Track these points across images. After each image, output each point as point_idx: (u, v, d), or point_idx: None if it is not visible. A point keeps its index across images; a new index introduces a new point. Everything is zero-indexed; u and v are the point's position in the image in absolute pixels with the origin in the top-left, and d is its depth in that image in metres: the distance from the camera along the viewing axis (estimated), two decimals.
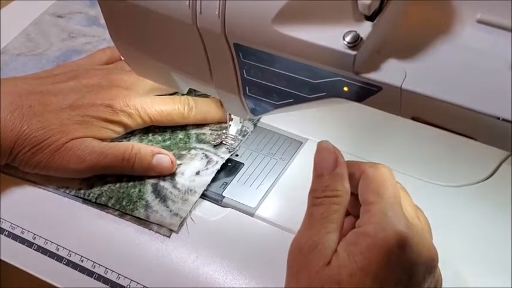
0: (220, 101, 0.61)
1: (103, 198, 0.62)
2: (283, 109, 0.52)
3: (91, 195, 0.63)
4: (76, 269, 0.59)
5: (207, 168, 0.63)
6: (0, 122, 0.61)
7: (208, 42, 0.50)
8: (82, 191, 0.63)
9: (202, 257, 0.58)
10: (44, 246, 0.61)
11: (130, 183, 0.63)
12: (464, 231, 0.61)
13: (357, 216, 0.49)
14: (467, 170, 0.63)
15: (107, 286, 0.58)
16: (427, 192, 0.63)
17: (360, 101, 0.46)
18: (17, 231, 0.62)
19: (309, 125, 0.67)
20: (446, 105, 0.43)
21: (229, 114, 0.64)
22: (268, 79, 0.50)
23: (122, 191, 0.62)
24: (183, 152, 0.65)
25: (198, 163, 0.64)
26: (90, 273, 0.59)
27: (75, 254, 0.60)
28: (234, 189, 0.62)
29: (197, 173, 0.63)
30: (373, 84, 0.44)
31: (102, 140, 0.64)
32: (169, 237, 0.60)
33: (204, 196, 0.62)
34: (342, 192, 0.48)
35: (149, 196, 0.62)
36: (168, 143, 0.67)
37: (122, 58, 0.59)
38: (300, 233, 0.48)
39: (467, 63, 0.44)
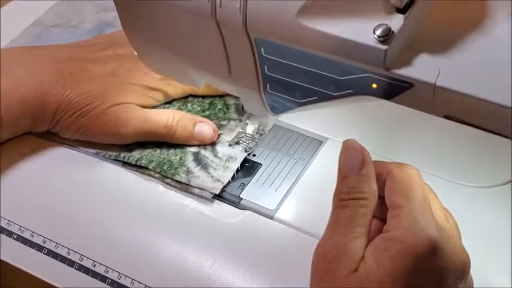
0: None
1: (143, 161, 0.62)
2: (305, 107, 0.50)
3: (131, 158, 0.62)
4: (88, 274, 0.57)
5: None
6: (43, 87, 0.61)
7: (228, 37, 0.47)
8: (122, 155, 0.63)
9: (219, 261, 0.56)
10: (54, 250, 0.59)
11: (171, 151, 0.63)
12: (489, 233, 0.59)
13: (383, 219, 0.46)
14: (493, 171, 0.61)
15: None
16: (451, 193, 0.60)
17: (390, 98, 0.44)
18: (14, 229, 0.60)
19: (329, 124, 0.64)
20: (481, 103, 0.40)
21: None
22: (291, 76, 0.47)
23: (162, 156, 0.62)
24: (223, 122, 0.65)
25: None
26: (103, 279, 0.56)
27: (86, 257, 0.57)
28: (252, 191, 0.60)
29: (237, 143, 0.63)
30: (405, 80, 0.42)
31: (143, 107, 0.64)
32: (212, 202, 0.59)
33: (221, 198, 0.60)
34: (369, 194, 0.45)
35: (190, 163, 0.61)
36: (207, 113, 0.66)
37: (135, 53, 0.57)
38: (324, 238, 0.45)
39: (502, 59, 0.42)
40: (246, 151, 0.63)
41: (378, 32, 0.41)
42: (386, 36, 0.41)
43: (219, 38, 0.48)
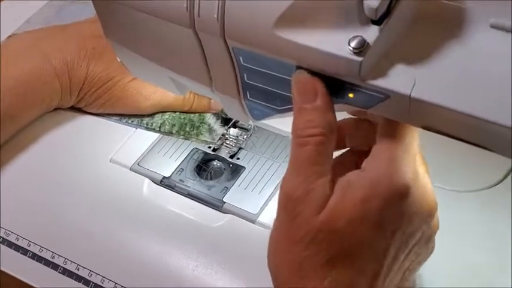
0: None
1: (166, 127, 0.64)
2: (285, 114, 0.50)
3: (154, 124, 0.65)
4: (72, 278, 0.57)
5: None
6: (70, 63, 0.64)
7: (207, 46, 0.47)
8: (145, 121, 0.65)
9: (202, 265, 0.56)
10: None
11: None
12: (473, 237, 0.59)
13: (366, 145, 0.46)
14: (478, 176, 0.61)
15: None
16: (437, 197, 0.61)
17: (367, 108, 0.44)
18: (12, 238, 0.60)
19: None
20: (458, 115, 0.40)
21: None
22: (270, 84, 0.48)
23: (182, 117, 0.65)
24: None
25: None
26: (86, 282, 0.57)
27: (70, 261, 0.58)
28: (235, 195, 0.60)
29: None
30: (381, 91, 0.42)
31: None
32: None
33: (203, 201, 0.60)
34: (326, 129, 0.43)
35: (210, 120, 0.64)
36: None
37: (118, 59, 0.57)
38: (286, 181, 0.43)
39: (480, 69, 0.42)
40: (230, 154, 0.63)
41: (353, 44, 0.41)
42: (361, 48, 0.41)
43: (199, 47, 0.48)
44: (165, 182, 0.62)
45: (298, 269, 0.43)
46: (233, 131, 0.64)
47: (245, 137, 0.64)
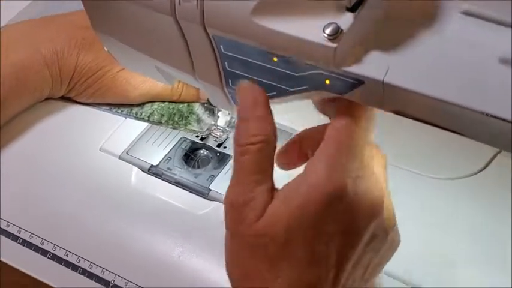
0: None
1: (155, 116, 0.66)
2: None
3: (143, 114, 0.66)
4: (61, 263, 0.59)
5: None
6: (60, 53, 0.65)
7: (189, 34, 0.48)
8: (134, 111, 0.67)
9: (188, 251, 0.58)
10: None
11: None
12: (458, 223, 0.60)
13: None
14: (462, 163, 0.62)
15: (91, 280, 0.57)
16: (421, 185, 0.62)
17: (342, 94, 0.45)
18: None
19: (300, 117, 0.65)
20: (429, 100, 0.41)
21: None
22: (250, 72, 0.48)
23: (171, 107, 0.66)
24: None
25: None
26: (74, 268, 0.58)
27: (59, 247, 0.59)
28: (221, 182, 0.61)
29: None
30: (355, 77, 0.43)
31: None
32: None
33: (190, 189, 0.61)
34: (265, 137, 0.44)
35: (199, 109, 0.65)
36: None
37: (106, 49, 0.58)
38: (229, 190, 0.45)
39: (452, 56, 0.42)
40: (217, 143, 0.64)
41: (328, 31, 0.42)
42: (336, 35, 0.41)
43: (181, 36, 0.49)
44: (153, 170, 0.63)
45: (246, 275, 0.44)
46: (221, 121, 0.65)
47: (233, 126, 0.65)
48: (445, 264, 0.57)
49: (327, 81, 0.45)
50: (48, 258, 0.59)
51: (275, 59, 0.46)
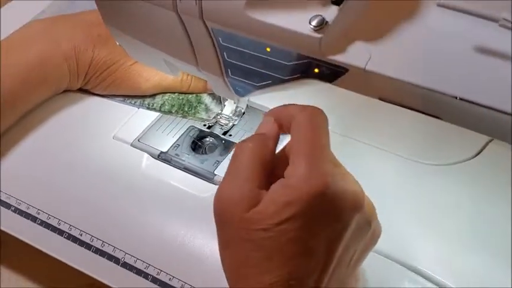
0: None
1: (166, 107, 0.71)
2: (264, 90, 0.54)
3: (155, 105, 0.71)
4: (76, 242, 0.63)
5: None
6: (77, 48, 0.69)
7: (190, 28, 0.52)
8: (146, 102, 0.71)
9: (193, 230, 0.61)
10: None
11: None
12: (449, 208, 0.63)
13: None
14: (455, 150, 0.65)
15: (103, 258, 0.61)
16: (414, 171, 0.65)
17: (330, 81, 0.49)
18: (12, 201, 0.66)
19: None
20: (408, 86, 0.45)
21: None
22: (247, 62, 0.52)
23: (181, 97, 0.71)
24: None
25: None
26: (88, 246, 0.62)
27: (74, 227, 0.63)
28: (226, 168, 0.64)
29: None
30: (340, 65, 0.46)
31: None
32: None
33: (196, 174, 0.65)
34: (261, 143, 0.48)
35: (207, 99, 0.70)
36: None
37: (117, 43, 0.62)
38: (220, 188, 0.48)
39: (430, 45, 0.46)
40: (223, 131, 0.68)
41: (314, 23, 0.45)
42: (321, 26, 0.45)
43: (183, 29, 0.53)
44: (162, 157, 0.67)
45: (238, 268, 0.47)
46: (227, 110, 0.69)
47: (238, 115, 0.69)
48: (440, 245, 0.60)
49: (316, 70, 0.49)
50: (64, 237, 0.63)
51: (268, 49, 0.50)
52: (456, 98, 0.43)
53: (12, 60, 0.68)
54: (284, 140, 0.50)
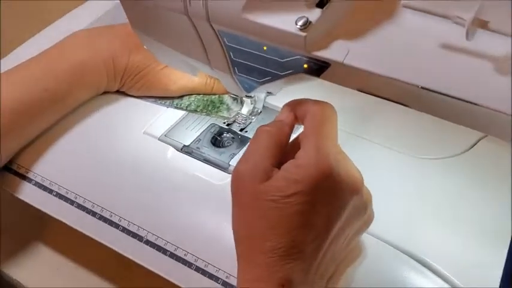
0: None
1: (192, 106, 0.79)
2: (266, 86, 0.61)
3: (182, 104, 0.80)
4: (106, 222, 0.71)
5: None
6: (115, 54, 0.78)
7: (200, 30, 0.60)
8: (175, 102, 0.80)
9: (208, 213, 0.68)
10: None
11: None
12: (441, 202, 0.68)
13: None
14: (448, 144, 0.70)
15: (128, 236, 0.69)
16: (408, 164, 0.70)
17: (318, 75, 0.55)
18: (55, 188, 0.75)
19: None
20: (384, 78, 0.51)
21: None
22: (248, 60, 0.59)
23: (205, 98, 0.80)
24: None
25: None
26: (116, 226, 0.70)
27: (106, 210, 0.72)
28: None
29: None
30: (323, 61, 0.53)
31: None
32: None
33: (213, 164, 0.72)
34: (278, 128, 0.57)
35: (228, 100, 0.78)
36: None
37: (145, 47, 0.71)
38: (239, 163, 0.55)
39: (402, 42, 0.52)
40: (240, 129, 0.75)
41: (299, 23, 0.52)
42: (306, 26, 0.52)
43: (195, 31, 0.60)
44: (184, 149, 0.75)
45: (248, 231, 0.54)
46: (244, 110, 0.76)
47: (254, 115, 0.76)
48: (423, 234, 0.65)
49: (305, 66, 0.55)
50: (96, 218, 0.72)
51: (265, 48, 0.57)
52: (418, 86, 0.49)
53: (59, 65, 0.77)
54: (297, 131, 0.58)
